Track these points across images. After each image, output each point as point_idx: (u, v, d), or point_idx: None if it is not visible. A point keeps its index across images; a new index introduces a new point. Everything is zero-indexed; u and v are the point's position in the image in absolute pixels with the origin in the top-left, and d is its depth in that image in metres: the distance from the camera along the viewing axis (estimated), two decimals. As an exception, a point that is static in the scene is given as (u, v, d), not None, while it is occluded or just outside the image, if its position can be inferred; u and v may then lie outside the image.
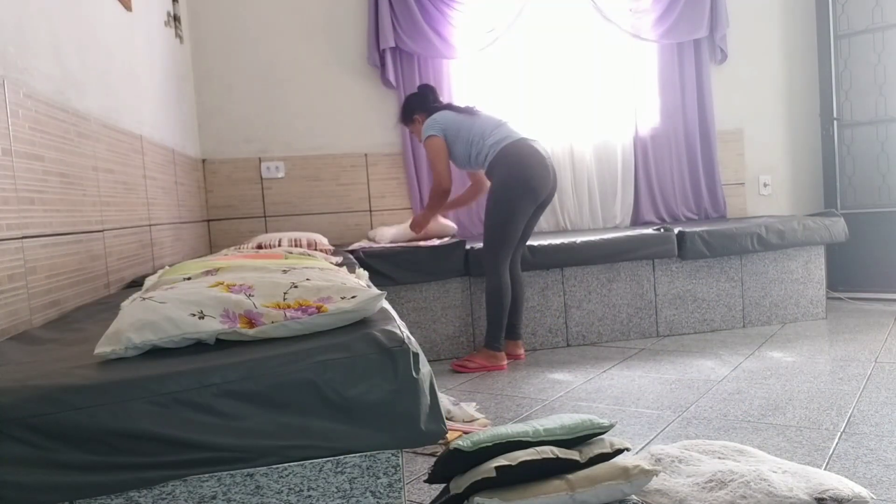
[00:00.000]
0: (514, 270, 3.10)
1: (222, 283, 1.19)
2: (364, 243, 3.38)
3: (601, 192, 4.22)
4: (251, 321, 1.12)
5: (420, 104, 3.21)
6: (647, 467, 1.46)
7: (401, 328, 1.11)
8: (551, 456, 1.44)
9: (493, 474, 1.38)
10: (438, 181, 3.06)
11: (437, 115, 3.08)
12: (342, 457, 1.03)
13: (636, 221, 4.26)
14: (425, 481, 1.50)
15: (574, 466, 1.47)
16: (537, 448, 1.45)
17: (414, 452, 2.00)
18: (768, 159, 4.49)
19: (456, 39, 3.96)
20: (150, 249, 2.69)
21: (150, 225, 2.70)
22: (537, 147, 2.96)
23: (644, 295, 3.42)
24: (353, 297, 1.17)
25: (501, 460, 1.40)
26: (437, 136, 3.02)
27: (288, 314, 1.12)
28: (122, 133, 2.44)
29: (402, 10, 3.87)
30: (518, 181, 2.88)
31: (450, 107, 3.17)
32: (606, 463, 1.49)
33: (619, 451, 1.55)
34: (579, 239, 3.34)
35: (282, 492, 1.02)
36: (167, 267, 1.55)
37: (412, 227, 3.30)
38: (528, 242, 3.18)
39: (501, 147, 2.93)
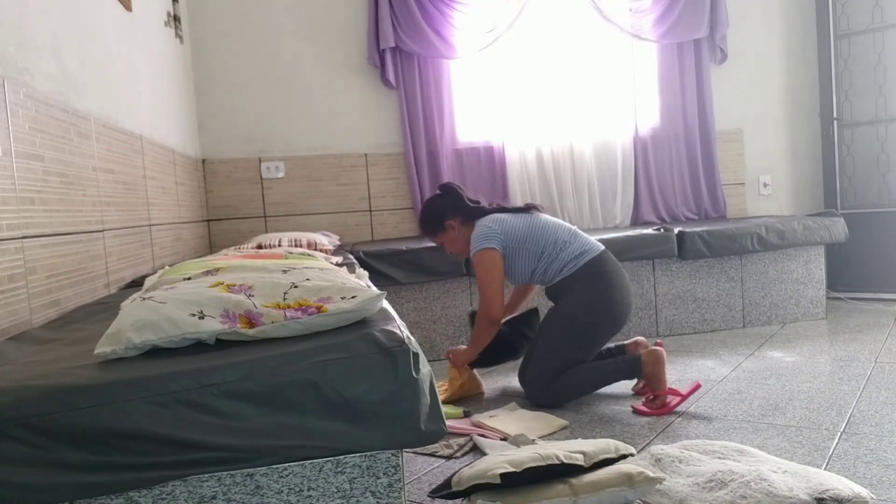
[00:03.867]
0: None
1: (222, 283, 1.19)
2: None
3: (601, 192, 4.22)
4: (251, 321, 1.12)
5: (452, 206, 2.56)
6: (651, 475, 1.46)
7: (401, 328, 1.11)
8: (556, 462, 1.44)
9: (498, 481, 1.37)
10: (489, 308, 2.43)
11: (490, 222, 2.47)
12: (342, 457, 1.03)
13: (636, 221, 4.26)
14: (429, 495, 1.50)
15: (578, 471, 1.47)
16: (542, 453, 1.45)
17: (414, 452, 2.00)
18: (768, 159, 4.49)
19: (456, 39, 3.96)
20: (150, 249, 2.69)
21: (150, 225, 2.70)
22: (616, 261, 2.53)
23: (644, 295, 3.42)
24: (353, 297, 1.17)
25: (507, 466, 1.40)
26: (496, 250, 2.42)
27: (288, 314, 1.12)
28: (122, 133, 2.44)
29: (402, 10, 3.87)
30: (605, 305, 2.40)
31: (502, 209, 2.56)
32: (611, 468, 1.49)
33: (623, 456, 1.55)
34: (579, 239, 3.34)
35: (282, 492, 1.02)
36: (167, 267, 1.55)
37: (452, 361, 2.58)
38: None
39: (586, 261, 2.43)
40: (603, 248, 2.51)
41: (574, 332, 2.41)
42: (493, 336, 2.52)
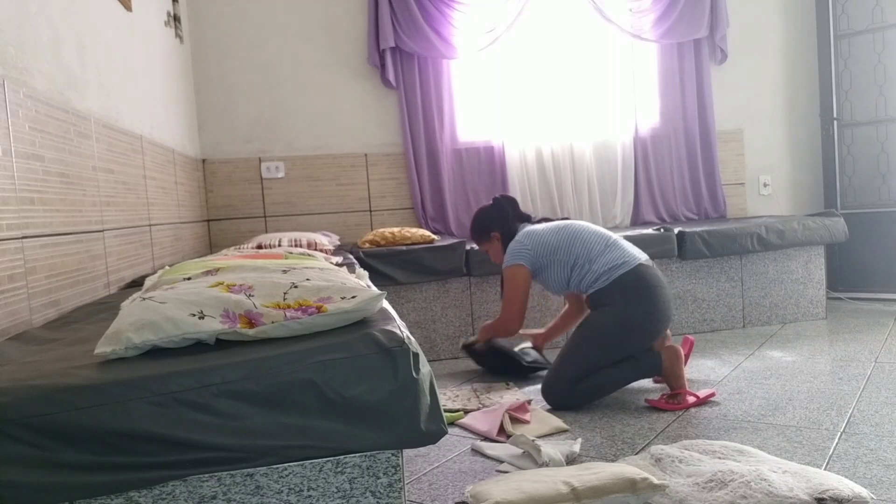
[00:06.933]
0: None
1: (222, 283, 1.19)
2: None
3: (601, 192, 4.22)
4: (251, 321, 1.12)
5: (498, 219, 2.70)
6: (655, 482, 1.46)
7: (401, 328, 1.11)
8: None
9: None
10: (507, 321, 2.58)
11: (523, 237, 2.56)
12: (342, 457, 1.03)
13: (636, 221, 4.26)
14: None
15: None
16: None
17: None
18: (768, 159, 4.49)
19: (456, 39, 3.96)
20: (150, 249, 2.69)
21: (150, 225, 2.70)
22: (658, 273, 2.48)
23: (644, 295, 3.42)
24: (353, 297, 1.17)
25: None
26: (523, 267, 2.50)
27: (288, 314, 1.12)
28: (122, 133, 2.44)
29: (402, 10, 3.87)
30: (638, 320, 2.38)
31: (544, 219, 2.70)
32: (614, 472, 1.49)
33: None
34: (579, 239, 3.33)
35: (282, 492, 1.02)
36: (167, 267, 1.55)
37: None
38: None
39: (619, 275, 2.40)
40: (640, 260, 2.45)
41: (604, 343, 2.39)
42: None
